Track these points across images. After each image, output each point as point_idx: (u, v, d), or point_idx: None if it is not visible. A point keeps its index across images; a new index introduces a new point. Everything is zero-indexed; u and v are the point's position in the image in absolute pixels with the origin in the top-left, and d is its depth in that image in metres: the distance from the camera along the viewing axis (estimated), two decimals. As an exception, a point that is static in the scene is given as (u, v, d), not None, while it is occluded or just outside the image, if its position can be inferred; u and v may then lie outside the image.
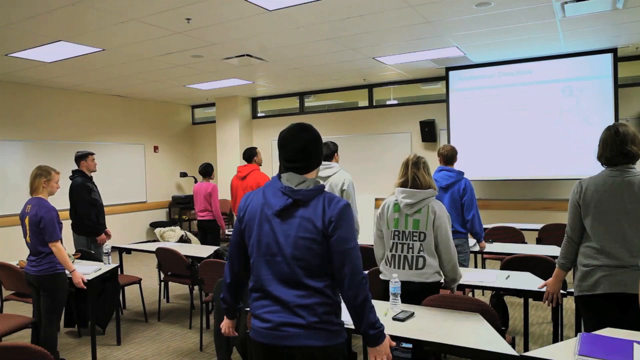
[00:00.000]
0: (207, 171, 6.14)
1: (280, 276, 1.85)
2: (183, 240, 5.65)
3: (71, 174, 4.99)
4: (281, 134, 1.93)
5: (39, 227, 3.47)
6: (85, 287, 3.62)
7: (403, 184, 2.91)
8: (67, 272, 3.60)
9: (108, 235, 5.03)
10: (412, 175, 2.90)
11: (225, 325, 2.17)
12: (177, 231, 5.70)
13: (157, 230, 5.75)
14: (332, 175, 4.22)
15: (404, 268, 2.87)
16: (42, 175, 3.56)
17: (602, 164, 2.52)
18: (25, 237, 3.63)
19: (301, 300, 1.82)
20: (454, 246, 2.87)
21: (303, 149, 1.89)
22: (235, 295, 2.10)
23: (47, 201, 3.56)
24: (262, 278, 1.89)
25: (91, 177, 5.02)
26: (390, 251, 2.92)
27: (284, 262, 1.84)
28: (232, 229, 3.65)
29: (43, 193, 3.58)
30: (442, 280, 2.91)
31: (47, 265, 3.50)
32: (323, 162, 4.32)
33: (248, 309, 2.55)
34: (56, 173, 3.67)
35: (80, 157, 4.98)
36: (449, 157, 4.42)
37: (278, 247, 1.84)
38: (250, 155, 5.38)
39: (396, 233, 2.90)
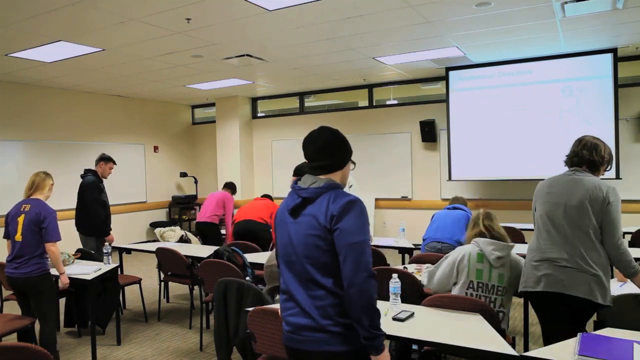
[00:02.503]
0: (231, 186, 6.36)
1: (297, 276, 1.86)
2: (183, 240, 5.64)
3: (83, 173, 5.04)
4: (305, 137, 1.98)
5: (40, 226, 3.46)
6: (66, 288, 3.61)
7: (480, 235, 2.92)
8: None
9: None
10: (487, 226, 2.95)
11: None
12: (177, 231, 5.70)
13: (157, 230, 5.75)
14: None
15: None
16: (48, 179, 3.69)
17: (567, 166, 2.74)
18: (13, 236, 3.55)
19: (315, 302, 1.81)
20: None
21: (321, 148, 1.92)
22: None
23: (46, 204, 3.59)
24: (284, 279, 1.93)
25: (102, 179, 5.20)
26: None
27: (298, 262, 1.85)
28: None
29: (43, 196, 3.63)
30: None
31: (37, 266, 3.47)
32: None
33: (248, 309, 2.57)
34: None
35: (102, 159, 5.16)
36: (458, 202, 4.70)
37: (292, 246, 1.87)
38: (270, 198, 5.82)
39: (480, 285, 2.79)
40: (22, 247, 3.49)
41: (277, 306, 2.18)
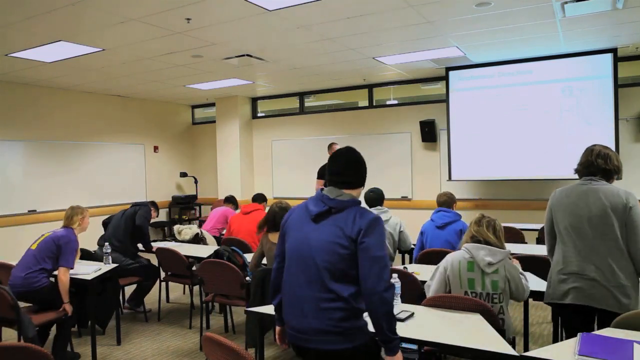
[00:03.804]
0: (232, 201, 6.31)
1: (307, 277, 1.99)
2: (199, 238, 5.51)
3: (138, 206, 5.17)
4: (332, 153, 2.21)
5: (57, 247, 3.68)
6: (69, 313, 3.73)
7: (474, 241, 2.81)
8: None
9: None
10: (475, 232, 2.83)
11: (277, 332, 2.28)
12: (193, 229, 5.58)
13: (176, 227, 5.68)
14: (390, 219, 4.40)
15: None
16: (78, 214, 3.93)
17: (579, 176, 2.71)
18: (30, 246, 3.77)
19: (323, 304, 1.95)
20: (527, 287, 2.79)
21: (350, 166, 2.14)
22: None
23: (76, 236, 3.86)
24: (291, 278, 2.06)
25: None
26: None
27: (312, 265, 1.98)
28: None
29: (77, 229, 3.91)
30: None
31: (44, 277, 3.64)
32: (378, 207, 4.50)
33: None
34: (87, 210, 4.07)
35: (155, 206, 5.35)
36: (444, 204, 4.38)
37: (309, 249, 2.00)
38: (262, 199, 5.74)
39: (474, 295, 2.72)
40: (33, 256, 3.67)
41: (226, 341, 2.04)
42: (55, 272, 3.71)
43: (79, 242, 3.93)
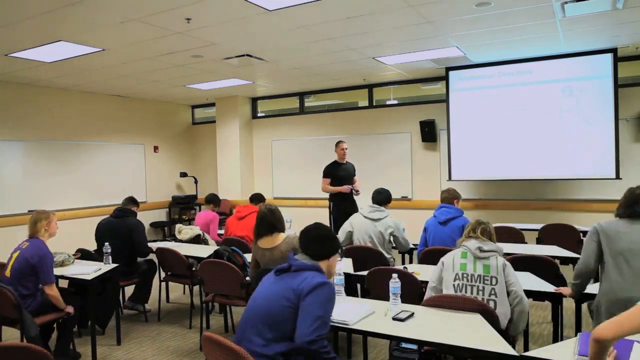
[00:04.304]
0: (213, 200, 6.18)
1: (251, 324, 2.19)
2: (201, 240, 5.47)
3: (120, 212, 4.86)
4: (302, 230, 2.49)
5: (31, 268, 3.46)
6: (71, 313, 3.70)
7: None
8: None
9: None
10: (468, 236, 2.96)
11: None
12: (194, 229, 5.54)
13: (178, 226, 5.67)
14: (384, 219, 4.43)
15: None
16: (42, 219, 3.65)
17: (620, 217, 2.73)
18: (5, 270, 3.57)
19: (254, 349, 2.10)
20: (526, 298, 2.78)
21: (314, 240, 2.43)
22: None
23: (46, 245, 3.60)
24: (242, 324, 2.27)
25: None
26: (455, 292, 2.84)
27: (257, 314, 2.20)
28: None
29: (44, 236, 3.65)
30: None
31: (31, 301, 3.49)
32: (374, 205, 4.55)
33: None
34: (53, 214, 3.78)
35: (135, 203, 5.07)
36: (445, 200, 4.46)
37: (257, 300, 2.26)
38: (259, 199, 5.67)
39: (464, 275, 2.82)
40: (10, 283, 3.46)
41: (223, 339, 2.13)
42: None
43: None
